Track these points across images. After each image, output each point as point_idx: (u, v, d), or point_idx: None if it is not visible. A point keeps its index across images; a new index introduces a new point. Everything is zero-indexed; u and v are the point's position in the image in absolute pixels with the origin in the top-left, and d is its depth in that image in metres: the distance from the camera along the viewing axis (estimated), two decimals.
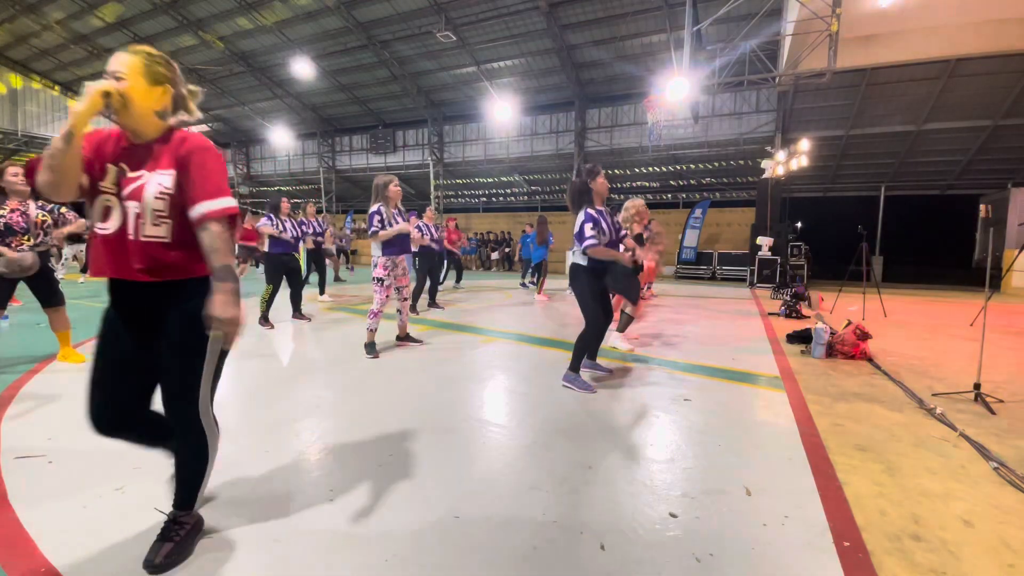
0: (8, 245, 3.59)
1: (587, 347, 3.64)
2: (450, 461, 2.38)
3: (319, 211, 19.18)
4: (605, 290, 3.72)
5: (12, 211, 3.62)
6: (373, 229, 4.27)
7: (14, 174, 3.65)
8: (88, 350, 4.37)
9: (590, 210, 3.45)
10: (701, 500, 2.04)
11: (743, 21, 10.55)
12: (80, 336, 4.77)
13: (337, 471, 2.26)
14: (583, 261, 3.50)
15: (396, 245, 4.40)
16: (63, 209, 3.96)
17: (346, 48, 15.42)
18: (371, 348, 4.40)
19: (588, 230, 3.38)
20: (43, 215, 3.80)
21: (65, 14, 15.55)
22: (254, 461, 2.34)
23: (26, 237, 3.65)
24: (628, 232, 4.10)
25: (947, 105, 12.00)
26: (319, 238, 7.44)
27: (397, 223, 4.36)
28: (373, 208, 4.31)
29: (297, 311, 6.09)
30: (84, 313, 6.31)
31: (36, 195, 3.85)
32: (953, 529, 1.87)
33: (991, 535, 1.84)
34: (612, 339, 4.75)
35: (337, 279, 11.74)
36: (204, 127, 22.64)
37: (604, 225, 3.49)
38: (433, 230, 6.93)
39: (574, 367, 3.60)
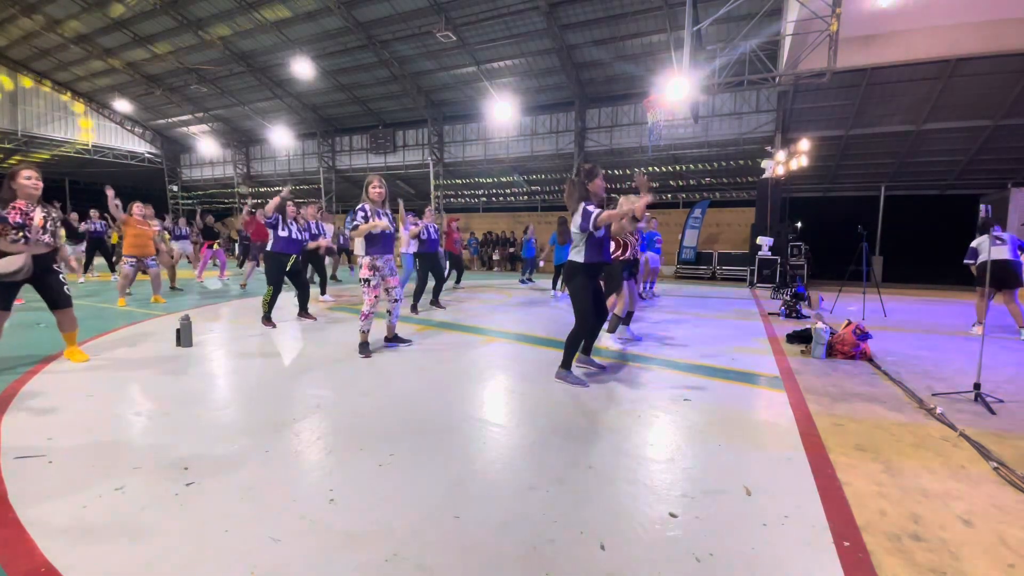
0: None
1: (577, 345, 3.68)
2: (450, 461, 2.38)
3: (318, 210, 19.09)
4: (599, 289, 3.75)
5: (14, 208, 3.62)
6: (355, 223, 4.28)
7: (27, 176, 3.65)
8: (91, 349, 4.37)
9: (585, 204, 3.50)
10: (701, 500, 2.04)
11: (743, 21, 10.55)
12: (81, 335, 4.76)
13: (337, 471, 2.26)
14: (580, 259, 3.52)
15: (379, 244, 4.38)
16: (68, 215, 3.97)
17: (346, 48, 15.41)
18: (364, 348, 4.40)
19: (589, 208, 3.42)
20: (46, 218, 3.81)
21: (65, 14, 15.55)
22: (254, 461, 2.34)
23: (18, 232, 3.61)
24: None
25: (947, 105, 11.99)
26: (318, 239, 7.35)
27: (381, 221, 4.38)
28: (358, 206, 4.34)
29: (304, 311, 6.08)
30: (85, 312, 6.31)
31: (45, 200, 3.86)
32: (953, 529, 1.87)
33: (991, 535, 1.84)
34: (606, 340, 4.76)
35: (333, 278, 11.71)
36: (204, 127, 22.70)
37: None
38: (432, 230, 6.92)
39: (566, 364, 3.65)
